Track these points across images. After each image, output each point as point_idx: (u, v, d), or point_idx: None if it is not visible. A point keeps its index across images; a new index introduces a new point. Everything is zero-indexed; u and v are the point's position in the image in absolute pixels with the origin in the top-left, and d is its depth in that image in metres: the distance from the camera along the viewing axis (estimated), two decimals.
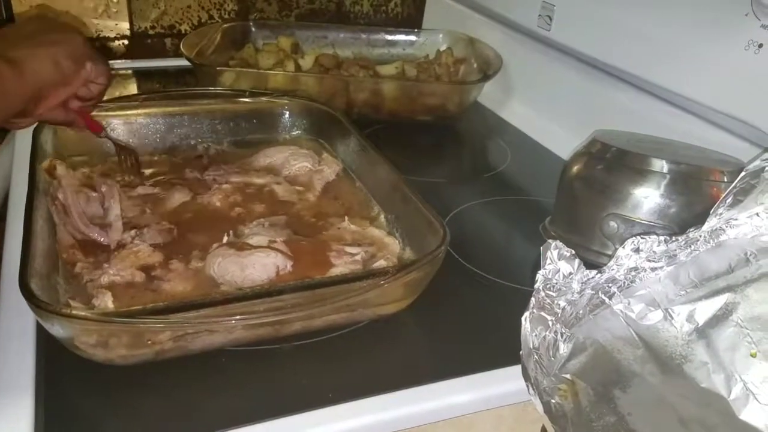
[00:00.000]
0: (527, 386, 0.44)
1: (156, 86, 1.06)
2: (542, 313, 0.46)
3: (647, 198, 0.58)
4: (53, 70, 0.56)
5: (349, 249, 0.60)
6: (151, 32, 1.15)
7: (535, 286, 0.47)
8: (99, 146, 0.73)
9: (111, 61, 1.11)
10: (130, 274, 0.54)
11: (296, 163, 0.75)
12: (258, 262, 0.56)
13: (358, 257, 0.58)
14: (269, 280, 0.55)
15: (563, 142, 0.82)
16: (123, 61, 1.13)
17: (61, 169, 0.64)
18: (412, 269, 0.51)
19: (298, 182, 0.74)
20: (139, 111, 0.77)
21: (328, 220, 0.66)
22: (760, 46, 0.63)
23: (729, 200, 0.48)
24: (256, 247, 0.57)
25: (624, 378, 0.44)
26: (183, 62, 0.95)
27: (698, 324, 0.46)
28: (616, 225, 0.59)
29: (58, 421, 0.45)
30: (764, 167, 0.47)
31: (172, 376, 0.49)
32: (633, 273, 0.48)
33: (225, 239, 0.60)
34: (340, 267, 0.57)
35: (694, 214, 0.56)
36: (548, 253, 0.47)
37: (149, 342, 0.47)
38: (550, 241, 0.47)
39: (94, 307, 0.50)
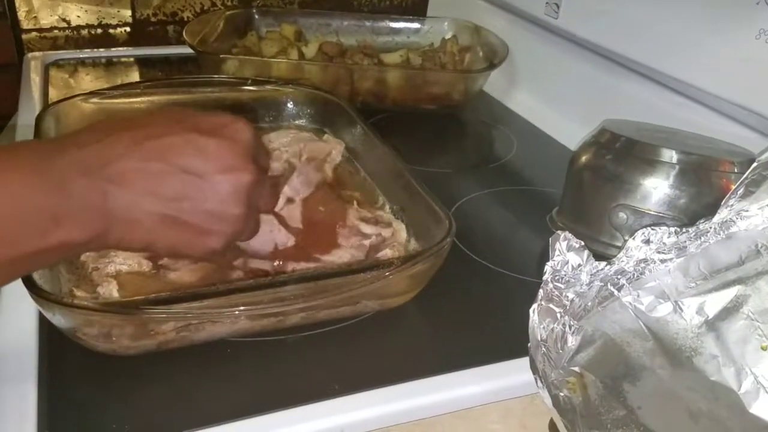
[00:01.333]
0: (535, 379, 0.43)
1: (158, 74, 1.05)
2: (550, 305, 0.45)
3: (657, 189, 0.57)
4: (142, 248, 0.40)
5: (364, 228, 0.58)
6: (153, 19, 1.14)
7: (544, 277, 0.46)
8: None
9: (113, 49, 1.11)
10: (136, 263, 0.54)
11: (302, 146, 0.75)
12: (259, 235, 0.53)
13: (366, 242, 0.57)
14: (267, 253, 0.54)
15: (570, 132, 0.81)
16: (125, 48, 1.13)
17: None
18: (417, 261, 0.51)
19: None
20: (142, 99, 0.76)
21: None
22: None
23: (740, 191, 0.48)
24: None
25: (633, 371, 0.44)
26: (185, 50, 0.94)
27: (708, 317, 0.45)
28: (625, 216, 0.58)
29: (62, 410, 0.45)
30: None
31: (176, 366, 0.49)
32: (642, 265, 0.48)
33: None
34: (343, 250, 0.56)
35: (704, 205, 0.56)
36: (557, 245, 0.47)
37: (152, 332, 0.47)
38: (559, 232, 0.47)
39: (99, 296, 0.50)
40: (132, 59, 1.09)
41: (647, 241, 0.48)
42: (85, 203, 0.36)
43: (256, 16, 1.09)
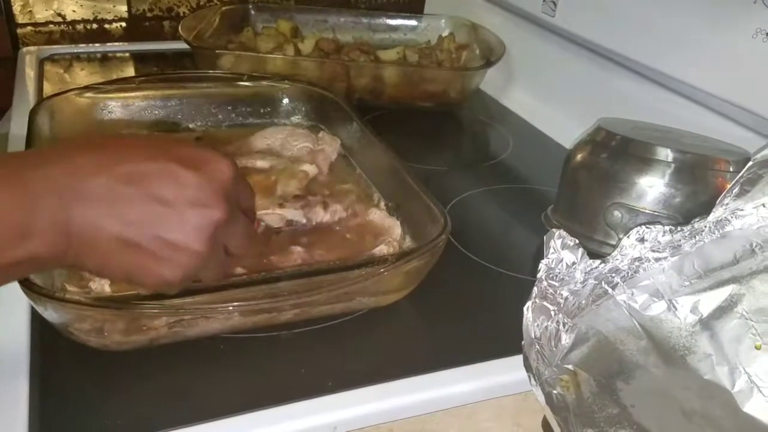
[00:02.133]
0: (528, 377, 0.43)
1: (153, 69, 1.05)
2: (544, 303, 0.45)
3: (652, 187, 0.57)
4: (96, 270, 0.39)
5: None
6: (149, 14, 1.13)
7: (538, 275, 0.46)
8: (97, 124, 0.72)
9: (108, 44, 1.11)
10: None
11: (297, 144, 0.74)
12: None
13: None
14: None
15: (566, 130, 0.81)
16: (120, 43, 1.12)
17: None
18: (412, 257, 0.50)
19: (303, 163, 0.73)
20: (137, 93, 0.76)
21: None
22: None
23: (735, 190, 0.48)
24: None
25: (627, 369, 0.44)
26: (181, 45, 0.94)
27: (702, 315, 0.45)
28: (619, 214, 0.58)
29: (53, 405, 0.45)
30: None
31: (169, 362, 0.48)
32: (637, 263, 0.48)
33: None
34: None
35: (699, 204, 0.56)
36: (551, 242, 0.46)
37: (144, 328, 0.46)
38: (553, 230, 0.47)
39: (91, 291, 0.50)
40: (127, 54, 1.08)
41: (642, 240, 0.48)
42: (50, 219, 0.36)
43: (252, 12, 1.08)
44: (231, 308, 0.46)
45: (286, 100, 0.82)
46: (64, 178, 0.36)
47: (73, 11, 1.09)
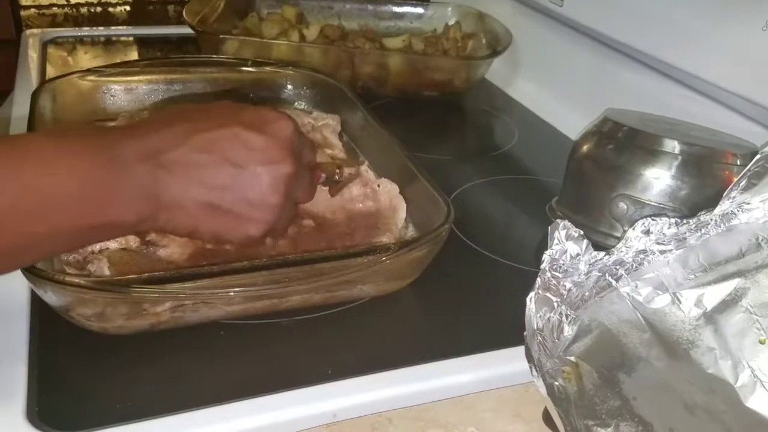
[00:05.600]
0: (530, 368, 0.43)
1: (157, 54, 1.04)
2: (547, 294, 0.45)
3: (658, 179, 0.57)
4: (187, 233, 0.45)
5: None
6: None
7: (542, 266, 0.45)
8: (100, 107, 0.72)
9: (112, 28, 1.10)
10: (124, 239, 0.53)
11: (298, 121, 0.74)
12: None
13: None
14: None
15: (572, 122, 0.80)
16: (125, 27, 1.12)
17: None
18: (414, 246, 0.50)
19: (314, 141, 0.72)
20: (140, 77, 0.75)
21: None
22: None
23: (743, 183, 0.47)
24: None
25: (629, 362, 0.44)
26: (185, 30, 0.93)
27: (706, 309, 0.45)
28: (625, 206, 0.58)
29: (52, 389, 0.45)
30: None
31: (168, 347, 0.48)
32: (641, 256, 0.47)
33: None
34: None
35: (705, 197, 0.55)
36: (556, 233, 0.46)
37: (144, 312, 0.46)
38: (558, 220, 0.46)
39: (90, 274, 0.49)
40: (131, 38, 1.07)
41: (647, 232, 0.47)
42: (138, 187, 0.40)
43: None
44: (232, 293, 0.46)
45: (289, 87, 0.81)
46: (148, 149, 0.41)
47: None
